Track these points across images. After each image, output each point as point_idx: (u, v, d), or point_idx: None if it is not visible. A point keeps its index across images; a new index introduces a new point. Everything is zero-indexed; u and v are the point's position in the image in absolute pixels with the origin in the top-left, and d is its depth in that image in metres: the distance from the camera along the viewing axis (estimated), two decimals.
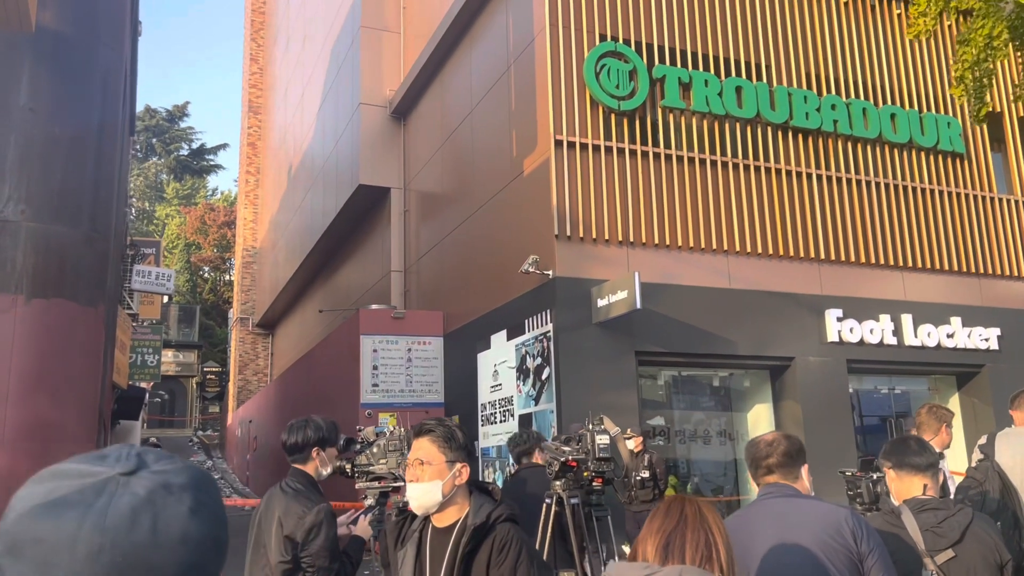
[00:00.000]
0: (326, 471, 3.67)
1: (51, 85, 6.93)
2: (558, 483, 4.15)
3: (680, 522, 1.87)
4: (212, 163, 53.30)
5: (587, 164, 10.24)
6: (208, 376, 40.06)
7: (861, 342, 10.94)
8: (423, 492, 2.38)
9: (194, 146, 52.70)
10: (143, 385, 18.35)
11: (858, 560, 2.61)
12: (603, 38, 10.66)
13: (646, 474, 8.57)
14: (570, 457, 4.06)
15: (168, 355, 36.64)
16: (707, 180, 10.81)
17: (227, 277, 45.30)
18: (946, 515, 2.82)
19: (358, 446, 4.20)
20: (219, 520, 0.82)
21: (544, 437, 4.49)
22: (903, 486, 3.02)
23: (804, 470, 2.86)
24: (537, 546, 3.84)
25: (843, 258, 11.24)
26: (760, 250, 10.83)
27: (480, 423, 11.62)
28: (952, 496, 4.16)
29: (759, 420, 11.16)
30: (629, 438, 8.85)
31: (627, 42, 10.77)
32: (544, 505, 4.16)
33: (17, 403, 6.32)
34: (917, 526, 2.83)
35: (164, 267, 19.71)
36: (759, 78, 11.41)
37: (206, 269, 46.19)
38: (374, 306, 14.15)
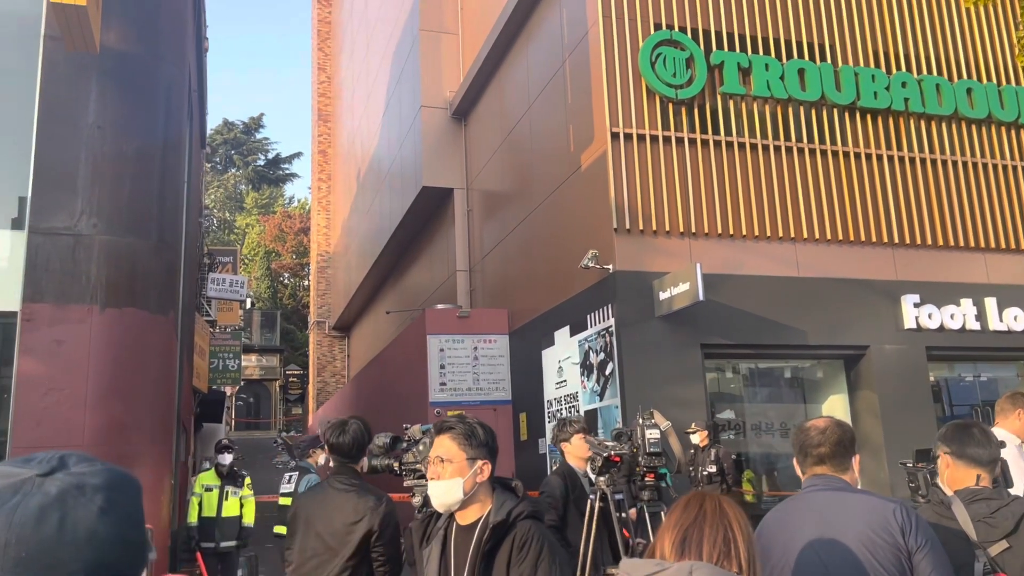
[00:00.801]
0: (365, 468, 3.72)
1: (117, 103, 7.22)
2: (602, 479, 4.11)
3: (698, 517, 1.82)
4: (287, 172, 54.82)
5: (645, 155, 10.10)
6: (290, 379, 41.19)
7: (941, 328, 10.47)
8: (444, 490, 2.38)
9: (270, 156, 54.31)
10: (225, 389, 18.99)
11: (906, 556, 2.48)
12: (658, 27, 10.49)
13: (713, 469, 8.40)
14: (613, 452, 4.00)
15: (251, 359, 37.84)
16: (771, 166, 10.53)
17: (305, 282, 46.48)
18: (999, 505, 2.66)
19: (404, 444, 4.23)
20: (131, 521, 0.84)
21: (573, 425, 4.43)
22: (958, 475, 2.87)
23: (855, 461, 2.74)
24: (582, 542, 3.81)
25: (919, 241, 10.78)
26: (830, 236, 10.49)
27: (547, 419, 11.60)
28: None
29: (834, 411, 10.80)
30: (694, 432, 8.70)
31: (683, 29, 10.58)
32: (588, 501, 4.12)
33: (94, 408, 6.61)
34: (968, 517, 2.68)
35: (241, 275, 20.35)
36: (823, 59, 11.04)
37: (285, 275, 47.50)
38: (440, 306, 14.29)
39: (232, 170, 53.11)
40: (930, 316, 10.43)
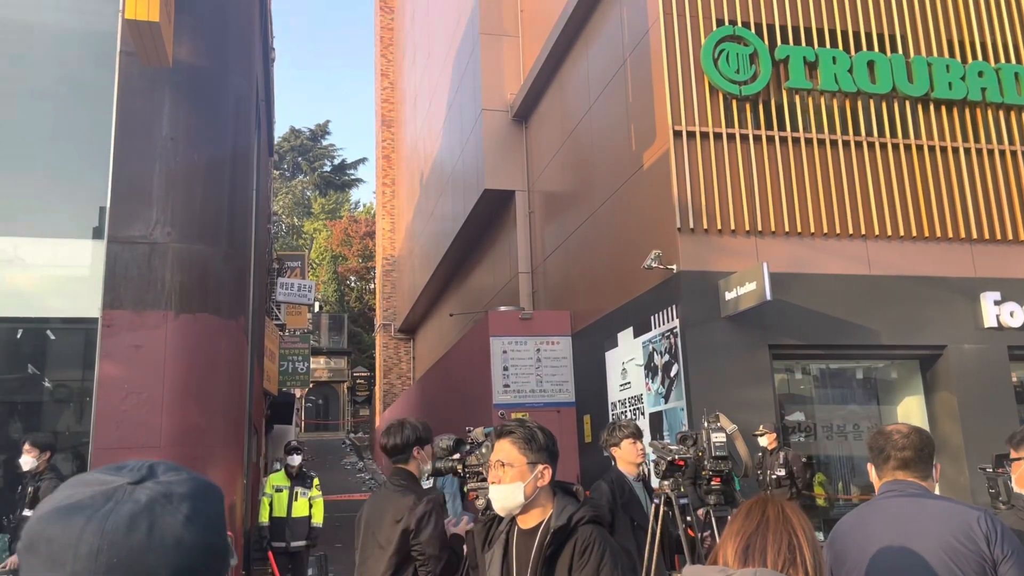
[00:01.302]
0: (427, 468, 3.75)
1: (188, 114, 7.46)
2: (666, 483, 4.06)
3: (761, 524, 1.78)
4: (353, 177, 55.79)
5: (708, 153, 9.95)
6: (358, 381, 41.87)
7: None
8: (505, 494, 2.39)
9: (336, 162, 55.35)
10: (295, 391, 19.42)
11: (991, 566, 2.38)
12: (720, 23, 10.33)
13: (782, 472, 8.22)
14: (677, 456, 3.95)
15: (320, 362, 38.60)
16: (839, 162, 10.25)
17: (371, 286, 47.22)
18: None
19: (468, 447, 4.26)
20: (215, 528, 0.87)
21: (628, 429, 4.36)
22: None
23: (936, 470, 2.65)
24: (646, 547, 3.77)
25: (998, 236, 10.35)
26: (903, 232, 10.15)
27: (611, 421, 11.51)
28: None
29: (910, 413, 10.45)
30: (762, 434, 8.52)
31: (746, 25, 10.39)
32: (653, 505, 4.08)
33: (170, 412, 6.84)
34: None
35: (309, 279, 20.79)
36: (893, 50, 10.70)
37: (352, 279, 48.33)
38: (502, 308, 14.33)
39: (300, 176, 54.33)
40: (1012, 314, 10.01)
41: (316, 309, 34.53)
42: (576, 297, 13.27)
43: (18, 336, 7.05)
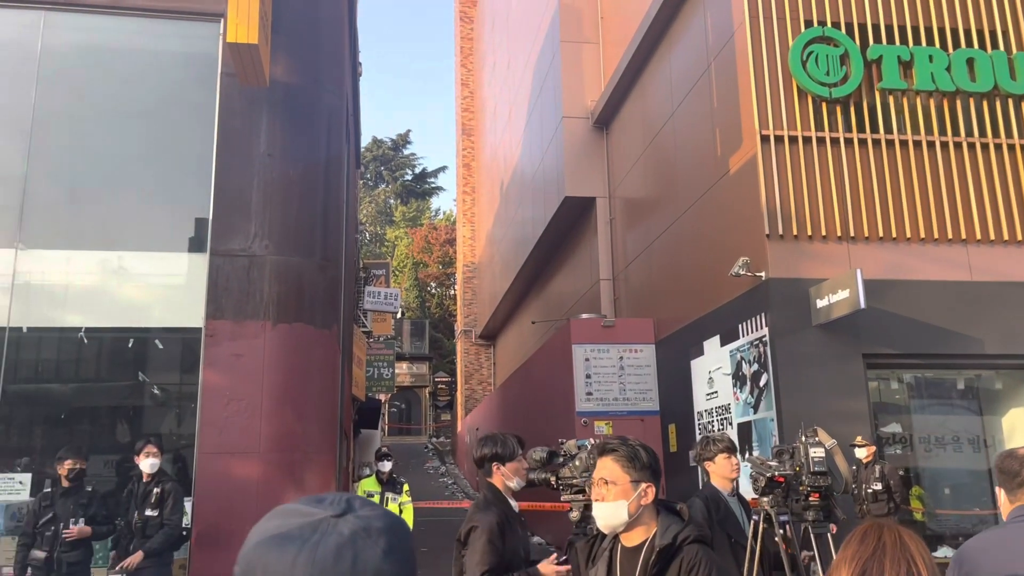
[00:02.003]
0: (512, 483, 3.78)
1: (283, 131, 7.74)
2: (765, 500, 3.99)
3: (878, 550, 1.75)
4: (433, 185, 56.64)
5: (797, 157, 9.73)
6: (439, 386, 42.41)
7: None
8: (609, 512, 2.40)
9: (416, 171, 56.30)
10: (380, 396, 19.82)
11: None
12: (809, 24, 10.09)
13: (878, 486, 7.95)
14: (776, 473, 3.88)
15: (402, 367, 39.25)
16: (937, 164, 9.87)
17: (451, 292, 47.79)
18: None
19: (561, 459, 4.29)
20: (408, 562, 0.93)
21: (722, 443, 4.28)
22: None
23: None
24: (745, 564, 3.71)
25: None
26: (1007, 237, 9.70)
27: (697, 431, 11.36)
28: None
29: (1016, 425, 9.96)
30: (861, 446, 8.26)
31: (836, 25, 10.12)
32: (752, 522, 4.01)
33: (269, 418, 7.10)
34: None
35: (394, 287, 21.21)
36: (994, 46, 10.25)
37: (432, 285, 49.02)
38: (584, 315, 14.31)
39: (382, 185, 55.47)
40: None
41: (398, 315, 35.17)
42: (659, 305, 13.15)
43: (129, 345, 7.43)
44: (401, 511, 8.43)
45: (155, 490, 5.85)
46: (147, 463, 5.88)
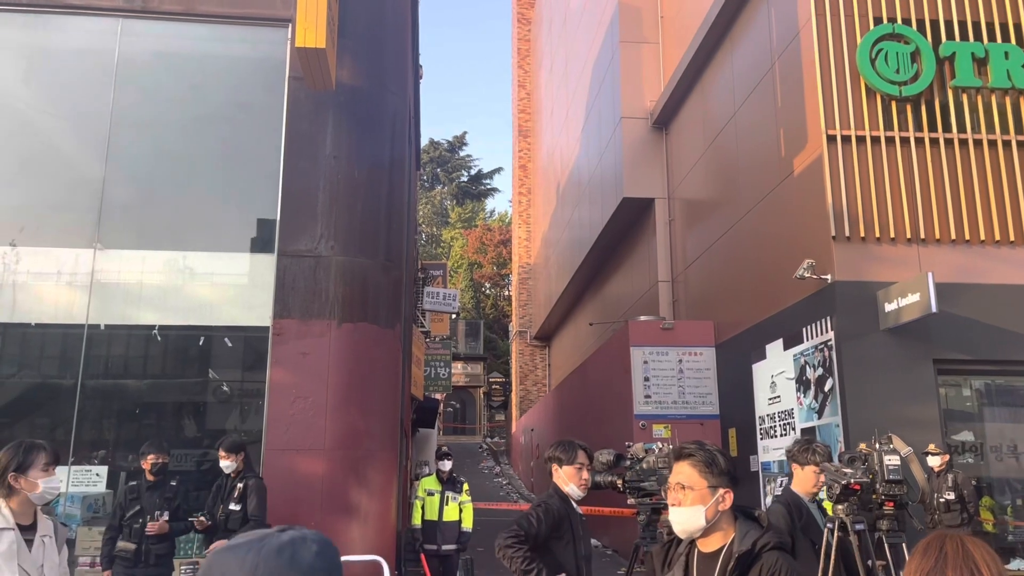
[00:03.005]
0: (566, 488, 3.85)
1: (349, 134, 7.87)
2: (840, 507, 3.90)
3: (939, 561, 1.70)
4: (488, 187, 56.86)
5: (865, 157, 9.51)
6: (493, 386, 42.56)
7: None
8: (686, 517, 2.38)
9: (472, 172, 56.60)
10: (436, 396, 19.98)
11: None
12: (878, 21, 9.85)
13: (951, 496, 7.71)
14: (852, 480, 3.79)
15: (457, 367, 39.49)
16: (1013, 164, 9.54)
17: (506, 292, 47.92)
18: None
19: (627, 462, 4.28)
20: (336, 564, 1.18)
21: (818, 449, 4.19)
22: None
23: None
24: (819, 572, 3.64)
25: None
26: None
27: (759, 436, 11.18)
28: None
29: None
30: (935, 454, 8.02)
31: (907, 22, 9.86)
32: (826, 530, 3.93)
33: (334, 415, 7.22)
34: None
35: (450, 287, 21.37)
36: None
37: (487, 286, 49.23)
38: (643, 317, 14.20)
39: (438, 187, 55.92)
40: None
41: (454, 316, 35.39)
42: (719, 307, 12.98)
43: (200, 343, 7.65)
44: (461, 510, 8.49)
45: (239, 485, 6.01)
46: (225, 466, 6.06)
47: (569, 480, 3.86)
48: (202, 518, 5.94)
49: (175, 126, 8.14)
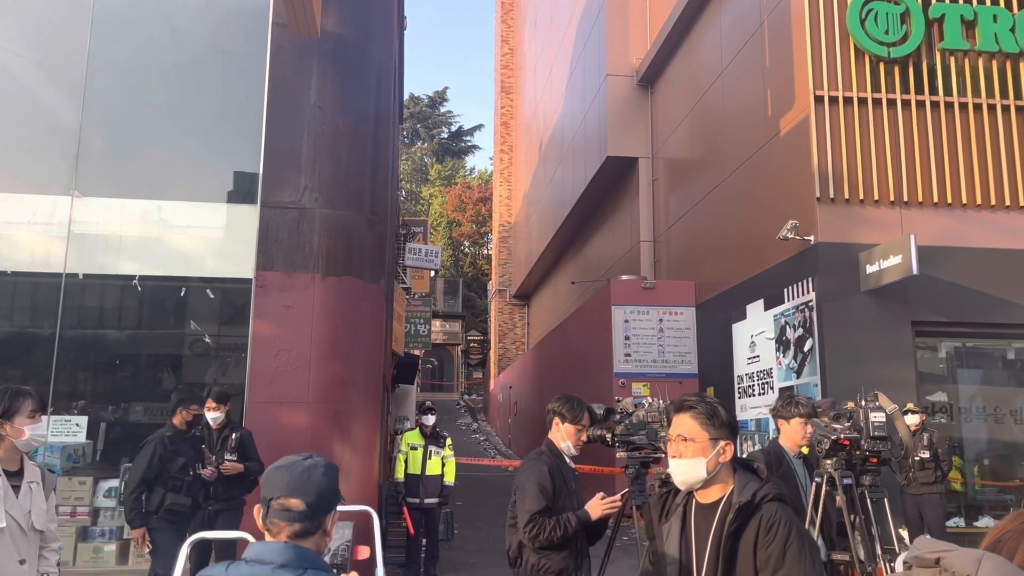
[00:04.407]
0: (563, 444, 3.85)
1: (334, 83, 7.71)
2: (828, 462, 3.96)
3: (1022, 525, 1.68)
4: (469, 144, 56.31)
5: (852, 119, 9.49)
6: (471, 344, 42.69)
7: None
8: (687, 469, 2.38)
9: (453, 129, 55.98)
10: (416, 352, 19.97)
11: None
12: None
13: (926, 454, 7.88)
14: (842, 435, 3.84)
15: (436, 325, 39.44)
16: (997, 128, 9.58)
17: (484, 251, 47.82)
18: None
19: (617, 416, 4.29)
20: (334, 482, 1.95)
21: (806, 404, 4.26)
22: None
23: None
24: (806, 526, 3.70)
25: None
26: None
27: (737, 395, 11.32)
28: None
29: None
30: (915, 412, 8.16)
31: None
32: (814, 484, 3.99)
33: (317, 369, 7.19)
34: None
35: (431, 244, 21.25)
36: None
37: (466, 244, 49.08)
38: (624, 277, 14.23)
39: (418, 143, 55.31)
40: None
41: (433, 274, 35.28)
42: (701, 267, 13.03)
43: (181, 294, 7.54)
44: (444, 464, 8.54)
45: (233, 436, 5.96)
46: (213, 417, 6.00)
47: (567, 437, 3.86)
48: (211, 468, 5.86)
49: (154, 72, 7.92)
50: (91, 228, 7.50)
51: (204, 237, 7.81)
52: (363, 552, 4.97)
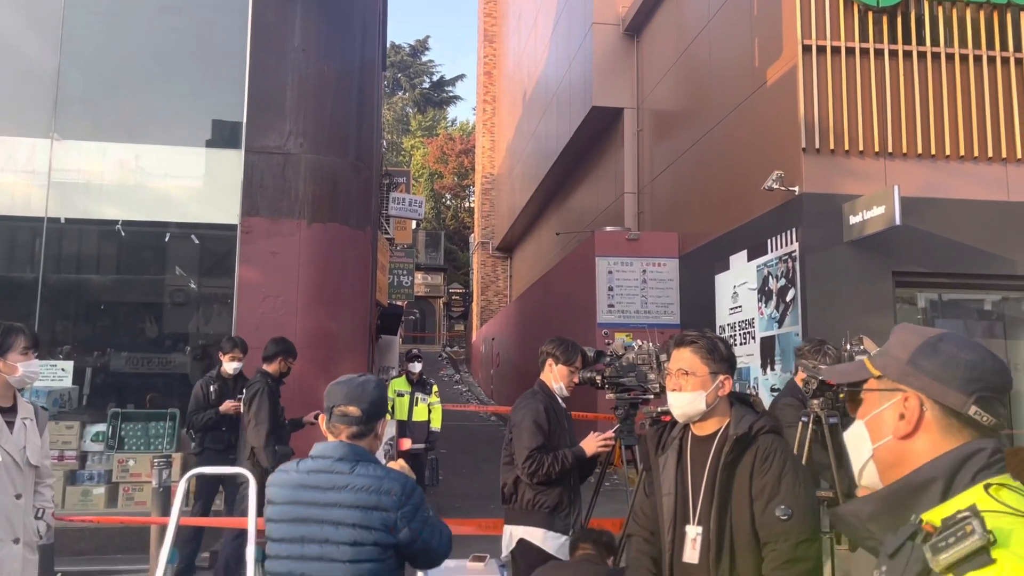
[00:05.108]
0: (555, 386, 3.92)
1: (318, 26, 7.57)
2: (816, 402, 4.04)
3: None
4: (451, 94, 55.60)
5: (839, 69, 9.46)
6: (453, 297, 42.76)
7: None
8: (686, 402, 2.43)
9: (434, 79, 55.19)
10: (399, 303, 19.99)
11: None
12: None
13: None
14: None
15: (417, 277, 39.40)
16: (983, 80, 9.58)
17: (467, 204, 47.58)
18: None
19: (607, 359, 4.34)
20: (382, 391, 2.53)
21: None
22: None
23: None
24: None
25: None
26: None
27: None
28: None
29: None
30: None
31: None
32: (800, 424, 4.08)
33: (304, 315, 7.19)
34: None
35: (413, 195, 21.12)
36: None
37: (447, 196, 48.80)
38: (608, 228, 14.26)
39: (399, 93, 54.53)
40: None
41: (415, 225, 35.11)
42: (685, 219, 13.06)
43: (165, 239, 7.47)
44: (430, 411, 8.61)
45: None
46: (232, 367, 6.04)
47: (560, 379, 3.93)
48: (234, 402, 5.91)
49: (135, 14, 7.72)
50: (72, 173, 7.39)
51: (188, 183, 7.72)
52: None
